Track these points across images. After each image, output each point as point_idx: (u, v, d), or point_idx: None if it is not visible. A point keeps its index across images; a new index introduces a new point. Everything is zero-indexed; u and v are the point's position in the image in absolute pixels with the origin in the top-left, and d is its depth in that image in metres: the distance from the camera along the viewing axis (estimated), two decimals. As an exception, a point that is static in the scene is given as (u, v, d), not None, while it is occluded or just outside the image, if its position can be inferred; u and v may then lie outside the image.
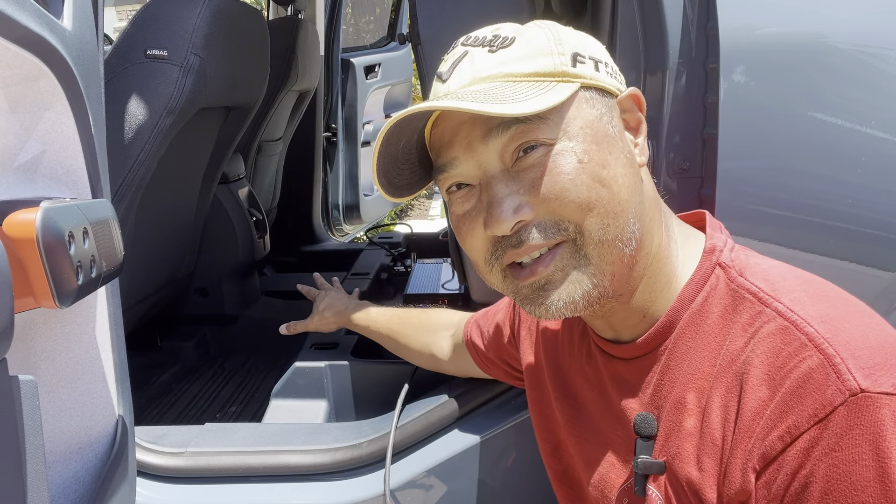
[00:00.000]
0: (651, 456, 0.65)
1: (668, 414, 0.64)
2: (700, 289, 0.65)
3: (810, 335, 0.55)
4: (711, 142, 0.95)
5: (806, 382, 0.54)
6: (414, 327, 1.23)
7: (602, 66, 0.65)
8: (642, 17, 1.00)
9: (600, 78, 0.64)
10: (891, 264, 0.94)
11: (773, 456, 0.54)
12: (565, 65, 0.62)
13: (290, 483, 1.13)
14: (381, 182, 0.67)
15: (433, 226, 4.61)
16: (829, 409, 0.52)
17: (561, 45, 0.63)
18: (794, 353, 0.55)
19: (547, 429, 0.85)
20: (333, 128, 2.94)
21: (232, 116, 1.80)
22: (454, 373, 1.18)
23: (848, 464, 0.51)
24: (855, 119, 0.90)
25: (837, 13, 0.94)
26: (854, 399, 0.51)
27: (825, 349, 0.54)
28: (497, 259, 0.64)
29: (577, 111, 0.61)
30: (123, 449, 0.80)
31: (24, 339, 0.66)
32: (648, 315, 0.67)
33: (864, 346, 0.54)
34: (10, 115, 0.62)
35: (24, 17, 0.58)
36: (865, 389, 0.51)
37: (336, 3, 2.94)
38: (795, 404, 0.54)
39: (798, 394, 0.54)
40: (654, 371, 0.67)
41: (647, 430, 0.65)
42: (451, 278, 1.86)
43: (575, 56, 0.63)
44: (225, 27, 1.54)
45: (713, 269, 0.65)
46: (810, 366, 0.54)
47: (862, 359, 0.53)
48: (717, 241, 0.67)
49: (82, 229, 0.64)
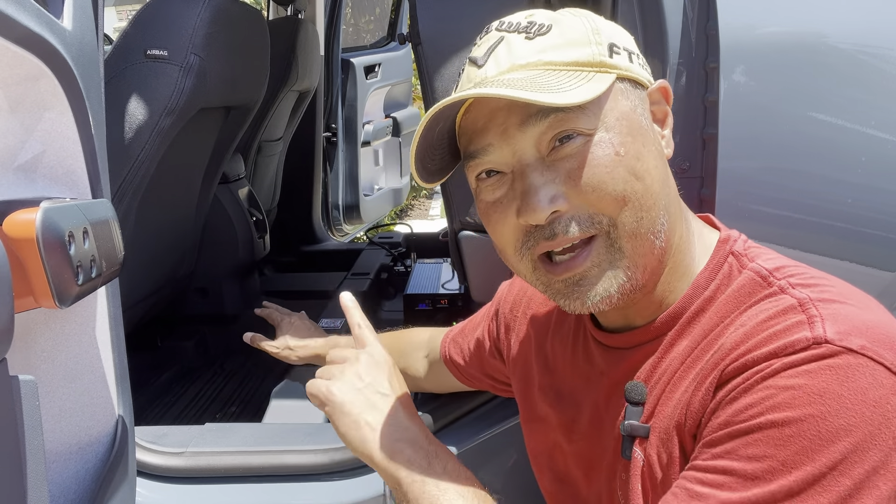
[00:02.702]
0: (639, 421, 0.65)
1: (661, 385, 0.65)
2: (714, 276, 0.66)
3: (802, 301, 0.57)
4: (711, 142, 0.95)
5: (780, 333, 0.55)
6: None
7: (635, 57, 0.65)
8: (642, 16, 1.00)
9: (634, 69, 0.64)
10: (891, 264, 0.94)
11: (726, 379, 0.57)
12: (603, 55, 0.62)
13: (290, 483, 1.13)
14: (417, 167, 0.66)
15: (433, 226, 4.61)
16: (790, 350, 0.53)
17: (598, 34, 0.62)
18: (780, 313, 0.57)
19: (541, 431, 0.84)
20: (333, 128, 2.94)
21: (232, 116, 1.80)
22: (434, 390, 1.16)
23: (787, 399, 0.52)
24: (855, 119, 0.90)
25: (837, 13, 0.94)
26: (817, 346, 0.52)
27: (809, 311, 0.55)
28: (529, 248, 0.63)
29: (614, 102, 0.61)
30: (123, 449, 0.80)
31: (24, 339, 0.66)
32: (664, 304, 0.67)
33: (850, 317, 0.55)
34: (10, 115, 0.62)
35: (24, 17, 0.58)
36: (829, 340, 0.52)
37: (336, 3, 2.94)
38: (762, 344, 0.55)
39: (769, 337, 0.55)
40: (657, 353, 0.67)
41: (636, 397, 0.66)
42: (451, 278, 1.87)
43: (611, 46, 0.63)
44: (225, 27, 1.54)
45: (727, 257, 0.66)
46: (789, 321, 0.55)
47: (841, 324, 0.54)
48: (731, 232, 0.69)
49: (82, 229, 0.64)
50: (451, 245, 1.37)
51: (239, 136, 1.87)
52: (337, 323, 1.63)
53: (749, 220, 0.94)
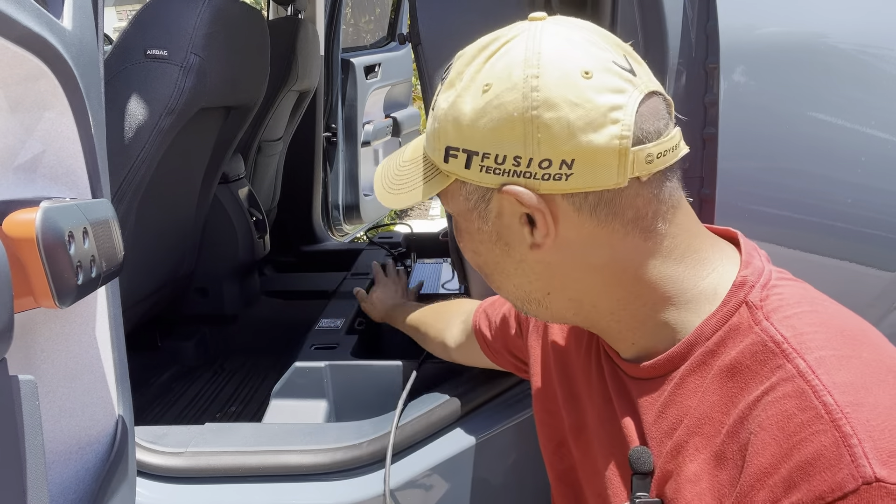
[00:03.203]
0: (648, 493, 0.62)
1: (669, 453, 0.61)
2: (720, 326, 0.60)
3: (828, 406, 0.50)
4: (711, 142, 0.95)
5: (816, 460, 0.49)
6: (432, 318, 1.26)
7: (477, 157, 0.59)
8: (642, 16, 0.99)
9: (466, 175, 0.61)
10: (891, 264, 0.94)
11: None
12: (440, 160, 0.62)
13: (290, 483, 1.13)
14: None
15: (433, 226, 4.61)
16: (839, 493, 0.47)
17: (436, 135, 0.63)
18: (806, 423, 0.50)
19: (551, 426, 0.84)
20: (333, 128, 2.94)
21: (232, 116, 1.80)
22: (463, 361, 1.17)
23: None
24: (855, 119, 0.90)
25: (837, 13, 0.94)
26: (867, 488, 0.46)
27: (842, 426, 0.49)
28: None
29: (453, 200, 0.65)
30: (123, 449, 0.80)
31: (24, 339, 0.66)
32: (676, 337, 0.63)
33: (887, 426, 0.49)
34: (10, 115, 0.62)
35: (24, 17, 0.58)
36: (881, 479, 0.46)
37: (336, 3, 2.94)
38: (802, 481, 0.49)
39: (806, 471, 0.49)
40: (659, 399, 0.63)
41: (642, 467, 0.62)
42: (451, 278, 1.86)
43: (447, 150, 0.61)
44: (225, 27, 1.53)
45: (738, 306, 0.59)
46: (823, 442, 0.49)
47: (882, 442, 0.48)
48: (750, 273, 0.61)
49: (82, 229, 0.64)
50: (451, 245, 1.37)
51: (239, 136, 1.87)
52: (337, 322, 1.63)
53: (749, 220, 0.93)
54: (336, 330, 1.58)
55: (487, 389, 1.18)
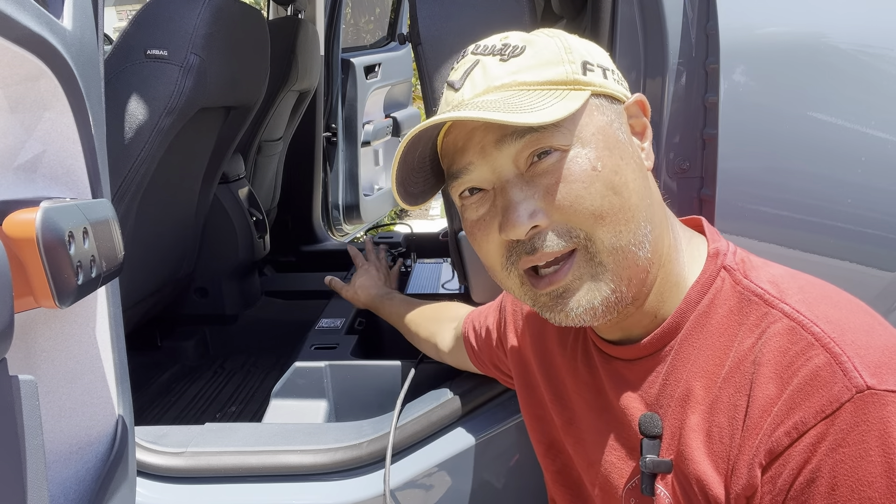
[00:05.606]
0: (658, 455, 0.65)
1: (674, 411, 0.65)
2: (706, 291, 0.66)
3: (816, 334, 0.57)
4: (711, 142, 0.95)
5: (813, 380, 0.55)
6: (425, 317, 1.27)
7: (609, 73, 0.66)
8: (642, 16, 0.99)
9: (609, 85, 0.65)
10: (891, 264, 0.94)
11: (779, 451, 0.55)
12: (576, 73, 0.63)
13: (290, 483, 1.13)
14: (399, 191, 0.68)
15: (433, 226, 4.61)
16: (836, 405, 0.53)
17: (570, 53, 0.64)
18: (801, 352, 0.57)
19: (540, 430, 0.86)
20: (333, 128, 2.94)
21: (232, 116, 1.80)
22: (455, 365, 1.18)
23: (855, 459, 0.52)
24: (855, 119, 0.90)
25: (837, 13, 0.94)
26: (861, 396, 0.52)
27: (831, 348, 0.55)
28: (513, 264, 0.65)
29: (589, 118, 0.62)
30: (123, 449, 0.80)
31: (24, 339, 0.66)
32: (659, 316, 0.68)
33: (869, 345, 0.55)
34: (10, 115, 0.62)
35: (24, 17, 0.58)
36: (872, 387, 0.52)
37: (336, 3, 2.94)
38: (802, 401, 0.55)
39: (805, 391, 0.55)
40: (659, 371, 0.67)
41: (652, 430, 0.66)
42: (451, 278, 1.87)
43: (585, 64, 0.64)
44: (225, 27, 1.53)
45: (718, 271, 0.66)
46: (817, 364, 0.55)
47: (867, 357, 0.54)
48: (720, 245, 0.69)
49: (82, 229, 0.64)
50: (451, 245, 1.37)
51: (239, 136, 1.87)
52: (337, 322, 1.63)
53: (749, 220, 0.94)
54: (336, 330, 1.58)
55: (487, 389, 1.17)
